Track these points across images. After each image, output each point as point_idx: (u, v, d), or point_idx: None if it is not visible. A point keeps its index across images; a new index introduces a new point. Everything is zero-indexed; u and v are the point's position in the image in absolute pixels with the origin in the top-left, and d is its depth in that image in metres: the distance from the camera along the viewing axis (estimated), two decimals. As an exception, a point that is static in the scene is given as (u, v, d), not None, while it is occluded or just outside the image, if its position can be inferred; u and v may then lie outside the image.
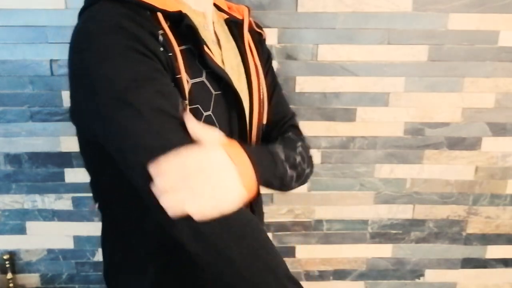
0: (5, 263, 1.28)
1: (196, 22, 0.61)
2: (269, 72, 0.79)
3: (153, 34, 0.53)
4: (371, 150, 1.26)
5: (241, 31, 0.72)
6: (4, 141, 1.20)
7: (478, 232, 1.36)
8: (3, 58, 1.13)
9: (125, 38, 0.50)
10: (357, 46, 1.17)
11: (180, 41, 0.57)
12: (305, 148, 0.74)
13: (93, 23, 0.52)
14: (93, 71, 0.50)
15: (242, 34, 0.72)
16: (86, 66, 0.51)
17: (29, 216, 1.27)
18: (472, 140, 1.26)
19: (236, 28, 0.72)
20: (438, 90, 1.22)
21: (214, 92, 0.61)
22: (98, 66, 0.50)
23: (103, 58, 0.50)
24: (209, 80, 0.61)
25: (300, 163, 0.70)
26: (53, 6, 1.10)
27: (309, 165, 0.75)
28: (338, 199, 1.31)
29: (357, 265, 1.38)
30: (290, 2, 1.13)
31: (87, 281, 1.34)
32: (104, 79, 0.50)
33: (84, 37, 0.52)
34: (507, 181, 1.31)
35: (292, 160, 0.68)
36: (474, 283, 1.41)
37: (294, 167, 0.68)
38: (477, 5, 1.15)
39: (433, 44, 1.18)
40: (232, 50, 0.70)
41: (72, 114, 0.61)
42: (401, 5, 1.14)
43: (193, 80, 0.58)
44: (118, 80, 0.49)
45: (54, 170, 1.23)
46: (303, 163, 0.71)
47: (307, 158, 0.74)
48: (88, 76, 0.51)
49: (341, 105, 1.22)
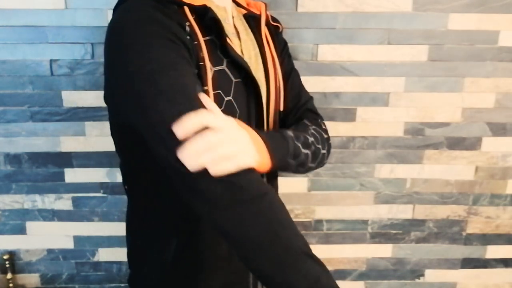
0: (5, 263, 1.28)
1: (219, 15, 0.68)
2: (285, 59, 0.85)
3: (181, 25, 0.60)
4: (371, 150, 1.26)
5: (258, 25, 0.78)
6: (4, 141, 1.20)
7: (478, 232, 1.36)
8: (3, 58, 1.13)
9: (157, 27, 0.57)
10: (357, 46, 1.17)
11: (205, 32, 0.64)
12: (318, 130, 0.79)
13: (128, 15, 0.59)
14: (128, 57, 0.57)
15: (259, 28, 0.78)
16: (122, 53, 0.57)
17: (29, 216, 1.27)
18: (472, 140, 1.26)
19: (254, 22, 0.78)
20: (438, 90, 1.22)
21: (234, 80, 0.67)
22: (132, 52, 0.56)
23: (138, 45, 0.56)
24: (230, 68, 0.67)
25: (313, 142, 0.75)
26: (53, 6, 1.10)
27: (325, 146, 0.79)
28: (338, 199, 1.31)
29: (357, 265, 1.38)
30: (290, 2, 1.13)
31: (87, 281, 1.34)
32: (136, 63, 0.56)
33: (121, 28, 0.59)
34: (507, 181, 1.31)
35: (303, 139, 0.72)
36: (474, 283, 1.41)
37: (307, 146, 0.72)
38: (477, 5, 1.15)
39: (433, 44, 1.18)
40: (250, 42, 0.76)
41: (106, 98, 0.69)
42: (401, 5, 1.14)
43: (215, 68, 0.64)
44: (148, 64, 0.55)
45: (54, 170, 1.23)
46: (316, 143, 0.75)
47: (321, 138, 0.78)
48: (123, 61, 0.57)
49: (341, 105, 1.22)
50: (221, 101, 0.65)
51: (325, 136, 0.80)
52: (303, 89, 0.87)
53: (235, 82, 0.67)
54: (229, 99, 0.66)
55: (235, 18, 0.75)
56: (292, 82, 0.84)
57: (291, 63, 0.88)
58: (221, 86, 0.65)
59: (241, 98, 0.68)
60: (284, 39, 0.88)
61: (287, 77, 0.83)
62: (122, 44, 0.58)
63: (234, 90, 0.67)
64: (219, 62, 0.65)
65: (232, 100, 0.67)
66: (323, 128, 0.82)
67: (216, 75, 0.64)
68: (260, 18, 0.79)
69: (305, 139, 0.73)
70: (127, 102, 0.59)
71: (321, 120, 0.84)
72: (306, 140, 0.73)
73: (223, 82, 0.65)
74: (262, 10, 0.80)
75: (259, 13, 0.79)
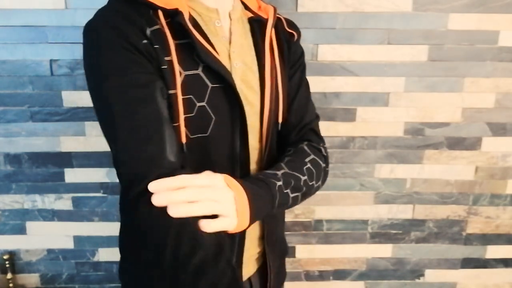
0: (5, 263, 1.28)
1: (207, 17, 0.68)
2: (297, 71, 0.81)
3: (141, 29, 0.60)
4: (371, 150, 1.26)
5: (263, 30, 0.74)
6: (4, 141, 1.20)
7: (478, 232, 1.36)
8: (3, 58, 1.13)
9: (112, 34, 0.60)
10: (357, 46, 1.17)
11: (180, 36, 0.63)
12: (316, 162, 0.75)
13: (93, 19, 0.63)
14: (85, 60, 0.62)
15: (264, 33, 0.74)
16: (83, 55, 0.62)
17: (29, 216, 1.27)
18: (472, 140, 1.26)
19: (259, 27, 0.74)
20: (438, 90, 1.22)
21: (211, 85, 0.65)
22: (87, 56, 0.62)
23: (92, 50, 0.61)
24: (206, 73, 0.64)
25: (306, 181, 0.71)
26: (53, 6, 1.10)
27: (319, 178, 0.75)
28: (338, 199, 1.31)
29: (357, 265, 1.38)
30: (290, 2, 1.13)
31: (87, 281, 1.34)
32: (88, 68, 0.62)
33: (85, 30, 0.63)
34: (507, 181, 1.31)
35: (293, 183, 0.68)
36: (474, 283, 1.41)
37: (297, 189, 0.69)
38: (477, 5, 1.15)
39: (433, 44, 1.18)
40: (248, 47, 0.73)
41: None
42: (401, 5, 1.14)
43: (187, 72, 0.63)
44: (97, 70, 0.60)
45: (54, 170, 1.23)
46: (310, 180, 0.72)
47: (317, 171, 0.74)
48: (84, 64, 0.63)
49: (341, 105, 1.22)
50: (192, 107, 0.64)
51: (323, 166, 0.76)
52: (309, 107, 0.82)
53: (212, 88, 0.65)
54: (202, 105, 0.64)
55: (234, 21, 0.72)
56: (299, 97, 0.80)
57: (303, 77, 0.83)
58: (194, 91, 0.64)
59: (219, 104, 0.66)
60: (301, 49, 0.84)
61: (294, 89, 0.79)
62: (84, 48, 0.63)
63: (209, 96, 0.65)
64: (193, 66, 0.64)
65: (206, 106, 0.65)
66: (323, 154, 0.78)
67: (188, 80, 0.63)
68: (266, 22, 0.75)
69: (297, 181, 0.69)
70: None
71: (323, 145, 0.80)
72: (297, 182, 0.69)
73: (196, 87, 0.64)
74: (270, 15, 0.76)
75: (267, 18, 0.75)
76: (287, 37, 0.79)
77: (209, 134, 0.66)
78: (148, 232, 0.55)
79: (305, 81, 0.83)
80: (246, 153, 0.70)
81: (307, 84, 0.84)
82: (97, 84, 0.61)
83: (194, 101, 0.64)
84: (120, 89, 0.59)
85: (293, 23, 0.83)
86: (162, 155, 0.57)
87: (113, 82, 0.59)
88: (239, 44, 0.71)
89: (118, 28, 0.60)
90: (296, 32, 0.82)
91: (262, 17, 0.75)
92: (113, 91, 0.59)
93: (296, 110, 0.79)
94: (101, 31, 0.60)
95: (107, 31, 0.60)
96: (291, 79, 0.79)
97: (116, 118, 0.58)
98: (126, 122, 0.58)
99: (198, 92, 0.64)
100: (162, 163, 0.57)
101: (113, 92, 0.59)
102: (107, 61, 0.60)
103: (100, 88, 0.60)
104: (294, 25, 0.83)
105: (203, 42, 0.64)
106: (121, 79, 0.59)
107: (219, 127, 0.66)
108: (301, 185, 0.70)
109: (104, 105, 0.60)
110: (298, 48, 0.82)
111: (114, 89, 0.59)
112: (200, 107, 0.64)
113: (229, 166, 0.69)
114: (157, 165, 0.57)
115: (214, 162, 0.67)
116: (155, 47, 0.61)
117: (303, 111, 0.80)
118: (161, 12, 0.63)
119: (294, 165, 0.71)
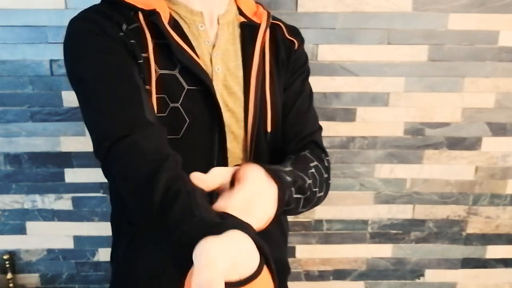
0: (5, 263, 1.28)
1: (190, 21, 0.67)
2: (297, 80, 0.77)
3: (118, 24, 0.62)
4: (371, 150, 1.26)
5: (255, 36, 0.71)
6: (4, 141, 1.20)
7: (478, 232, 1.36)
8: (3, 58, 1.13)
9: (87, 25, 0.62)
10: (357, 46, 1.17)
11: (159, 36, 0.63)
12: (319, 169, 0.69)
13: (73, 18, 0.65)
14: (64, 54, 0.64)
15: (256, 39, 0.71)
16: (63, 51, 0.64)
17: (29, 216, 1.27)
18: (472, 140, 1.26)
19: (250, 33, 0.72)
20: (438, 90, 1.22)
21: (187, 87, 0.64)
22: (65, 47, 0.64)
23: (69, 40, 0.63)
24: (183, 75, 0.64)
25: (311, 186, 0.65)
26: (53, 6, 1.10)
27: (322, 188, 0.69)
28: (338, 199, 1.31)
29: (357, 265, 1.38)
30: (290, 2, 1.13)
31: (87, 281, 1.34)
32: (65, 57, 0.63)
33: (68, 24, 0.65)
34: (507, 181, 1.31)
35: (300, 183, 0.62)
36: (474, 283, 1.41)
37: (301, 192, 0.63)
38: (477, 5, 1.15)
39: (433, 44, 1.18)
40: (233, 52, 0.71)
41: None
42: (401, 5, 1.14)
43: (162, 71, 0.63)
44: (72, 54, 0.62)
45: (54, 170, 1.23)
46: (313, 186, 0.66)
47: (321, 180, 0.69)
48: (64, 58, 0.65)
49: (341, 105, 1.22)
50: (165, 107, 0.63)
51: (325, 176, 0.71)
52: (310, 118, 0.77)
53: (188, 90, 0.64)
54: (176, 106, 0.64)
55: (223, 26, 0.70)
56: (298, 106, 0.75)
57: (304, 86, 0.78)
58: (169, 91, 0.63)
59: (195, 107, 0.65)
60: (305, 57, 0.80)
61: (292, 98, 0.75)
62: (63, 43, 0.64)
63: (185, 98, 0.64)
64: (170, 67, 0.64)
65: (180, 107, 0.64)
66: (325, 165, 0.72)
67: (163, 79, 0.63)
68: (258, 28, 0.72)
69: (303, 182, 0.63)
70: None
71: (325, 156, 0.74)
72: (303, 184, 0.63)
73: (172, 87, 0.63)
74: (263, 20, 0.73)
75: (260, 23, 0.73)
76: (288, 45, 0.76)
77: (181, 137, 0.64)
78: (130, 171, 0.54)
79: (307, 90, 0.78)
80: (225, 160, 0.68)
81: (310, 94, 0.79)
82: (73, 66, 0.62)
83: (168, 101, 0.63)
84: (96, 67, 0.60)
85: (295, 30, 0.79)
86: (142, 116, 0.58)
87: (89, 61, 0.60)
88: (224, 48, 0.70)
89: (95, 21, 0.62)
90: (298, 39, 0.78)
91: (255, 22, 0.73)
92: (89, 69, 0.60)
93: (293, 120, 0.74)
94: (77, 24, 0.63)
95: (84, 24, 0.62)
96: (289, 87, 0.75)
97: (93, 93, 0.59)
98: (103, 94, 0.58)
99: (172, 93, 0.64)
100: (142, 122, 0.57)
101: (89, 70, 0.60)
102: (82, 45, 0.61)
103: (76, 69, 0.61)
104: (297, 32, 0.80)
105: (180, 43, 0.64)
106: (97, 59, 0.60)
107: (194, 131, 0.65)
108: (306, 188, 0.64)
109: (80, 84, 0.61)
110: (300, 56, 0.78)
111: (90, 67, 0.60)
112: (173, 108, 0.64)
113: (206, 172, 0.61)
114: (137, 124, 0.57)
115: (188, 166, 0.58)
116: (131, 41, 0.62)
117: (303, 122, 0.75)
118: (141, 13, 0.64)
119: (299, 166, 0.66)
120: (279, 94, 0.74)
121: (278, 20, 0.77)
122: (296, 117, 0.75)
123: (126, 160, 0.55)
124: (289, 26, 0.79)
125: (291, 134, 0.74)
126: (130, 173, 0.54)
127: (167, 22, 0.64)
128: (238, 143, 0.70)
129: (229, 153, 0.69)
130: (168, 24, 0.64)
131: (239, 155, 0.71)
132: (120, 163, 0.55)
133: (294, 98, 0.75)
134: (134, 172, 0.54)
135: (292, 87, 0.76)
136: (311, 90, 0.80)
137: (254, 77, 0.69)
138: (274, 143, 0.73)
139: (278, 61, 0.74)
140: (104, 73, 0.59)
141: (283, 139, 0.74)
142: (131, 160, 0.54)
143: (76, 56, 0.62)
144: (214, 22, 0.70)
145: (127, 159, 0.55)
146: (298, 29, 0.80)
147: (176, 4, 0.68)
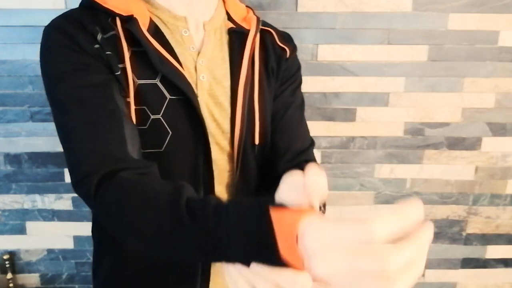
0: (5, 263, 1.28)
1: (173, 26, 0.64)
2: (287, 90, 0.73)
3: (92, 35, 0.59)
4: (371, 150, 1.26)
5: (244, 42, 0.68)
6: (4, 141, 1.20)
7: (478, 232, 1.36)
8: (3, 58, 1.13)
9: (61, 38, 0.60)
10: (357, 46, 1.17)
11: (137, 43, 0.60)
12: None
13: (48, 24, 0.63)
14: (41, 63, 0.62)
15: (244, 46, 0.68)
16: (40, 56, 0.63)
17: (29, 216, 1.27)
18: (472, 140, 1.26)
19: (239, 39, 0.68)
20: (438, 90, 1.22)
21: (170, 97, 0.60)
22: (41, 62, 0.62)
23: (43, 55, 0.62)
24: (165, 84, 0.60)
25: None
26: (53, 6, 1.10)
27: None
28: (338, 199, 1.31)
29: (357, 265, 1.38)
30: (290, 2, 1.13)
31: (87, 281, 1.34)
32: (42, 74, 0.61)
33: (43, 32, 0.63)
34: (507, 181, 1.31)
35: None
36: (474, 283, 1.41)
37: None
38: (477, 5, 1.15)
39: (433, 44, 1.18)
40: (220, 60, 0.67)
41: None
42: (401, 5, 1.14)
43: (141, 81, 0.60)
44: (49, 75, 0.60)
45: (54, 170, 1.23)
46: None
47: None
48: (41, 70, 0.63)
49: (341, 105, 1.22)
50: (146, 119, 0.59)
51: None
52: (301, 131, 0.73)
53: (170, 100, 0.60)
54: (157, 118, 0.60)
55: (209, 32, 0.67)
56: (288, 118, 0.71)
57: (294, 96, 0.73)
58: (149, 102, 0.59)
59: (178, 118, 0.61)
60: (297, 65, 0.75)
61: (281, 109, 0.71)
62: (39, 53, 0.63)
63: (166, 108, 0.60)
64: (150, 76, 0.60)
65: (162, 119, 0.60)
66: None
67: (142, 89, 0.59)
68: (247, 35, 0.68)
69: None
70: None
71: None
72: None
73: (152, 97, 0.60)
74: (252, 26, 0.69)
75: (249, 29, 0.69)
76: (279, 53, 0.72)
77: (164, 150, 0.61)
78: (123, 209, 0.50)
79: (298, 101, 0.74)
80: (210, 172, 0.65)
81: (301, 104, 0.75)
82: (50, 89, 0.59)
83: (148, 113, 0.60)
84: (74, 90, 0.56)
85: (287, 37, 0.75)
86: (124, 152, 0.54)
87: (66, 84, 0.57)
88: (210, 56, 0.66)
89: (67, 33, 0.59)
90: (290, 47, 0.73)
91: (244, 28, 0.69)
92: (67, 92, 0.57)
93: (283, 133, 0.70)
94: (51, 36, 0.61)
95: (59, 35, 0.60)
96: (279, 97, 0.71)
97: (71, 119, 0.56)
98: (82, 121, 0.55)
99: (153, 104, 0.60)
100: (124, 160, 0.54)
101: (66, 94, 0.57)
102: (58, 64, 0.59)
103: (53, 93, 0.58)
104: (289, 39, 0.75)
105: (160, 50, 0.60)
106: (74, 80, 0.57)
107: (177, 143, 0.62)
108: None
109: (58, 109, 0.58)
110: (292, 65, 0.74)
111: (68, 90, 0.57)
112: (154, 119, 0.60)
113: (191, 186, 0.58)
114: (120, 161, 0.53)
115: (172, 179, 0.55)
116: (107, 53, 0.58)
117: (294, 136, 0.71)
118: (118, 19, 0.60)
119: None
120: (269, 105, 0.70)
121: (269, 27, 0.73)
122: (286, 129, 0.71)
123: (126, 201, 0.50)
124: (281, 32, 0.75)
125: (281, 147, 0.70)
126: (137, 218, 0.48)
127: (146, 28, 0.60)
128: (224, 154, 0.67)
129: (215, 165, 0.66)
130: (148, 30, 0.60)
131: (226, 166, 0.68)
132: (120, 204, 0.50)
133: (284, 109, 0.71)
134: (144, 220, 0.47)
135: (282, 97, 0.72)
136: (303, 100, 0.76)
137: (242, 87, 0.66)
138: (262, 156, 0.70)
139: (268, 70, 0.70)
140: (84, 100, 0.56)
141: (272, 152, 0.70)
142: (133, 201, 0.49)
143: (53, 76, 0.59)
144: (200, 27, 0.66)
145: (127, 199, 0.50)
146: (290, 36, 0.77)
147: (159, 8, 0.64)
